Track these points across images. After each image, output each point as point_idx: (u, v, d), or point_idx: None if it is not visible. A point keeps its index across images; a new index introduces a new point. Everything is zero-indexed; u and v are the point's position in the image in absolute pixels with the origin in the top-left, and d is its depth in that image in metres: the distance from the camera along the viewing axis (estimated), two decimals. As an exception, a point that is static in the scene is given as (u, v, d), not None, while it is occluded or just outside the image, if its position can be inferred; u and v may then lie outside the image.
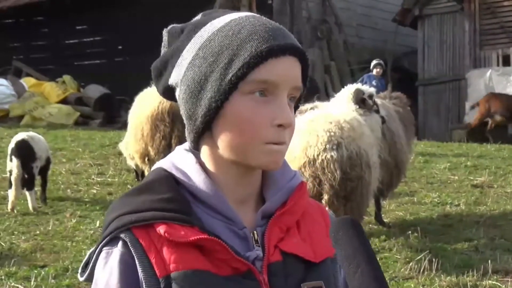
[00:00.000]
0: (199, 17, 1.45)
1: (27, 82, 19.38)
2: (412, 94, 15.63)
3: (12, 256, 6.55)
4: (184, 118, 1.43)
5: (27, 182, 8.11)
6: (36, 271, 6.03)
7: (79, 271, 1.42)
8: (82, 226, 7.51)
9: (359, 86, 6.98)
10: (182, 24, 1.46)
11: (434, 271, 6.08)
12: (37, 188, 8.58)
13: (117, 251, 1.34)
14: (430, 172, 10.47)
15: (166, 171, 1.42)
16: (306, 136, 6.16)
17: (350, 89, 6.95)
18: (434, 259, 6.23)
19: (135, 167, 9.69)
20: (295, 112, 1.46)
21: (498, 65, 18.33)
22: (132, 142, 9.06)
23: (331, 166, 6.02)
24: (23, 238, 7.14)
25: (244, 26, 1.37)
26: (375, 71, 15.52)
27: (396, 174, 7.40)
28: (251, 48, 1.34)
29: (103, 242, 1.36)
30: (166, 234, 1.32)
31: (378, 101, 7.10)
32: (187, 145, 1.46)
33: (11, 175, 8.14)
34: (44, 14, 22.76)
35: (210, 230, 1.36)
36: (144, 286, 1.33)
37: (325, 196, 6.05)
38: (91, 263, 1.38)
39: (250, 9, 16.63)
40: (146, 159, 9.02)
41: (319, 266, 1.39)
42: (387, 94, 8.35)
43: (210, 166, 1.42)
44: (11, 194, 8.13)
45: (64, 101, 18.76)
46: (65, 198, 8.85)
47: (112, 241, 1.35)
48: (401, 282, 5.95)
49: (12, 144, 8.28)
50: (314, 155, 6.07)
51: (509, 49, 18.26)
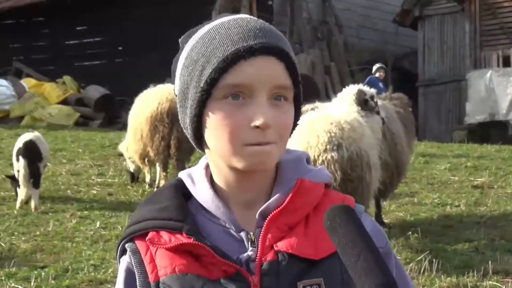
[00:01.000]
0: (206, 22, 1.46)
1: (28, 83, 19.38)
2: (413, 95, 15.61)
3: (12, 256, 6.55)
4: (182, 127, 1.47)
5: (33, 181, 8.25)
6: (36, 272, 6.03)
7: None
8: (82, 227, 7.51)
9: (360, 87, 6.97)
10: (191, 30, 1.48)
11: (434, 272, 6.07)
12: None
13: (124, 260, 1.44)
14: (431, 173, 10.47)
15: (179, 179, 1.49)
16: (307, 136, 6.16)
17: (351, 90, 6.94)
18: (434, 260, 6.23)
19: (132, 170, 9.69)
20: (298, 113, 1.44)
21: (498, 66, 18.32)
22: (131, 143, 9.07)
23: (332, 166, 6.02)
24: (23, 238, 7.14)
25: (219, 32, 1.37)
26: (377, 75, 15.51)
27: (396, 175, 7.40)
28: (219, 53, 1.34)
29: (118, 253, 1.47)
30: (148, 241, 1.39)
31: (379, 102, 7.09)
32: None
33: (17, 174, 8.25)
34: (44, 15, 22.77)
35: (206, 234, 1.39)
36: None
37: (325, 197, 6.04)
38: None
39: (251, 10, 16.62)
40: (146, 160, 9.03)
41: (322, 262, 1.37)
42: (388, 95, 8.35)
43: (213, 171, 1.45)
44: (22, 192, 8.27)
45: (64, 102, 18.77)
46: (65, 199, 8.86)
47: (124, 251, 1.46)
48: (401, 283, 5.94)
49: (19, 144, 8.36)
50: (314, 156, 6.07)
51: (509, 50, 18.26)
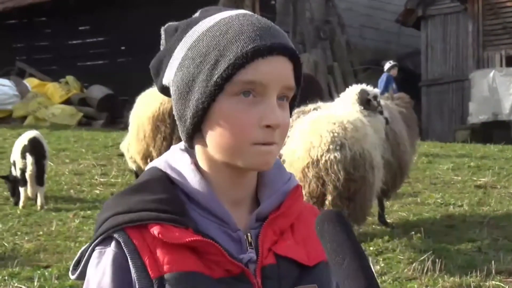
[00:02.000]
0: (197, 14, 1.44)
1: (30, 82, 19.40)
2: (415, 94, 15.61)
3: (15, 256, 6.56)
4: (176, 118, 1.42)
5: (39, 179, 8.31)
6: (39, 272, 6.04)
7: (70, 269, 1.41)
8: (85, 227, 7.52)
9: (363, 86, 6.96)
10: (178, 22, 1.45)
11: (437, 272, 6.07)
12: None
13: (110, 251, 1.33)
14: (434, 173, 10.46)
15: (161, 171, 1.41)
16: (310, 136, 6.16)
17: (354, 89, 6.93)
18: (437, 260, 6.22)
19: (136, 169, 9.68)
20: (292, 112, 1.43)
21: (501, 65, 18.32)
22: (133, 143, 9.06)
23: (335, 166, 6.02)
24: (26, 238, 7.15)
25: (231, 26, 1.35)
26: (391, 72, 15.45)
27: (399, 174, 7.39)
28: (237, 49, 1.32)
29: (96, 241, 1.34)
30: (160, 235, 1.31)
31: (382, 102, 7.09)
32: (182, 144, 1.45)
33: (22, 173, 8.24)
34: (47, 15, 22.79)
35: (205, 231, 1.35)
36: (137, 287, 1.31)
37: (328, 197, 6.05)
38: (83, 262, 1.37)
39: (253, 9, 16.64)
40: (148, 160, 9.03)
41: (313, 269, 1.38)
42: (390, 95, 8.34)
43: (203, 166, 1.41)
44: (28, 191, 8.30)
45: (67, 101, 18.78)
46: (68, 199, 8.87)
47: (105, 240, 1.34)
48: (404, 282, 5.95)
49: (24, 142, 8.36)
50: (317, 156, 6.07)
51: (512, 49, 18.26)
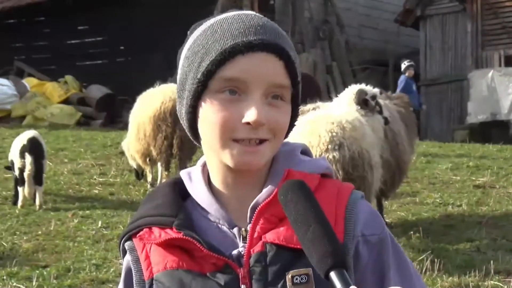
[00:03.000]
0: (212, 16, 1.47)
1: (29, 82, 19.38)
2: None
3: (14, 256, 6.56)
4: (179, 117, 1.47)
5: (37, 178, 8.31)
6: (38, 271, 6.04)
7: None
8: (84, 226, 7.51)
9: (362, 86, 6.96)
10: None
11: (436, 272, 6.07)
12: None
13: (125, 259, 1.47)
14: (432, 173, 10.46)
15: (177, 178, 1.50)
16: (308, 136, 6.15)
17: (352, 89, 6.93)
18: (436, 260, 6.23)
19: (136, 167, 9.69)
20: (296, 113, 1.43)
21: (500, 65, 18.32)
22: (133, 142, 9.06)
23: (333, 166, 6.01)
24: (25, 238, 7.15)
25: (222, 25, 1.37)
26: (407, 73, 15.40)
27: (398, 174, 7.39)
28: (218, 46, 1.34)
29: (121, 252, 1.50)
30: (138, 238, 1.41)
31: (381, 101, 7.08)
32: None
33: (20, 172, 8.24)
34: (45, 15, 22.76)
35: (198, 229, 1.39)
36: None
37: (327, 197, 6.04)
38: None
39: (252, 9, 16.63)
40: (148, 159, 9.03)
41: None
42: (389, 94, 8.34)
43: (208, 167, 1.46)
44: (25, 191, 8.29)
45: (66, 101, 18.76)
46: (67, 198, 8.86)
47: (125, 250, 1.48)
48: (403, 282, 5.94)
49: (23, 141, 8.34)
50: (316, 156, 6.06)
51: (511, 49, 18.25)
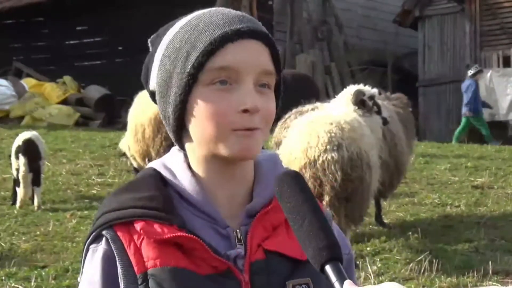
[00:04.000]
0: (179, 17, 1.46)
1: (28, 82, 19.37)
2: (413, 95, 15.63)
3: (12, 256, 6.56)
4: (161, 119, 1.44)
5: (35, 179, 8.34)
6: (36, 272, 6.04)
7: (80, 272, 1.44)
8: (83, 227, 7.51)
9: (360, 87, 6.96)
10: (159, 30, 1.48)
11: (434, 272, 6.08)
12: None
13: (101, 248, 1.37)
14: (431, 173, 10.47)
15: (155, 170, 1.44)
16: (307, 137, 6.16)
17: (350, 90, 6.94)
18: (434, 260, 6.23)
19: (137, 166, 9.69)
20: (278, 102, 1.43)
21: (498, 66, 18.32)
22: (132, 143, 9.06)
23: (332, 167, 6.02)
24: (23, 238, 7.14)
25: (202, 19, 1.37)
26: (476, 77, 15.43)
27: (396, 175, 7.40)
28: (206, 37, 1.34)
29: (89, 239, 1.39)
30: (141, 231, 1.34)
31: (379, 102, 7.08)
32: None
33: (17, 173, 8.29)
34: (44, 15, 22.75)
35: (191, 228, 1.36)
36: (122, 282, 1.34)
37: (326, 197, 6.05)
38: (82, 260, 1.41)
39: (251, 10, 16.63)
40: (147, 159, 9.03)
41: (308, 263, 1.34)
42: (387, 95, 8.34)
43: (193, 163, 1.43)
44: (21, 191, 8.32)
45: (64, 102, 18.75)
46: (65, 199, 8.86)
47: (97, 238, 1.38)
48: (401, 283, 5.94)
49: (18, 143, 8.39)
50: (314, 156, 6.07)
51: (509, 50, 18.26)
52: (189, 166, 1.43)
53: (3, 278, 5.97)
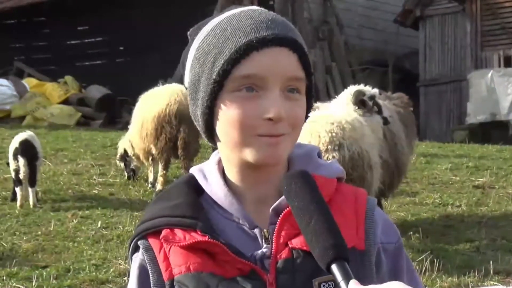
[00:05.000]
0: (215, 14, 1.46)
1: (29, 82, 19.37)
2: (414, 95, 15.61)
3: (13, 256, 6.56)
4: (192, 120, 1.45)
5: (31, 180, 8.33)
6: (37, 272, 6.04)
7: None
8: (84, 227, 7.51)
9: (361, 87, 6.96)
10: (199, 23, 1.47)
11: (435, 272, 6.08)
12: (38, 189, 8.71)
13: (137, 257, 1.43)
14: (432, 173, 10.47)
15: (191, 175, 1.47)
16: (308, 137, 6.15)
17: (351, 90, 6.93)
18: (435, 260, 6.23)
19: (134, 167, 9.68)
20: (311, 104, 1.42)
21: (499, 66, 18.31)
22: (138, 141, 9.06)
23: (333, 166, 6.01)
24: (24, 238, 7.15)
25: (231, 23, 1.36)
26: None
27: (397, 174, 7.39)
28: (232, 45, 1.33)
29: (130, 250, 1.46)
30: (162, 239, 1.37)
31: (380, 102, 7.07)
32: None
33: (16, 173, 8.29)
34: (45, 15, 22.77)
35: (220, 232, 1.37)
36: None
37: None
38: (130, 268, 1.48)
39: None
40: (151, 158, 9.05)
41: None
42: (388, 95, 8.34)
43: (225, 166, 1.44)
44: (21, 192, 8.31)
45: (65, 101, 18.75)
46: (66, 199, 8.86)
47: (137, 248, 1.44)
48: (402, 282, 5.94)
49: (15, 144, 8.41)
50: (315, 156, 6.07)
51: (510, 50, 18.26)
52: (222, 169, 1.44)
53: (4, 278, 5.97)
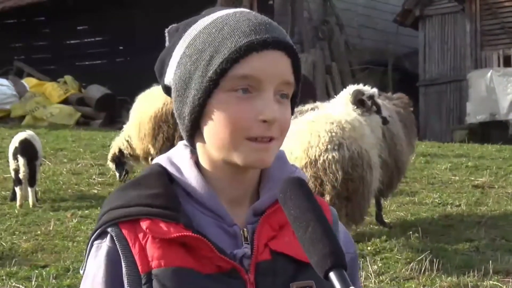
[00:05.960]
0: (203, 14, 1.45)
1: (29, 82, 19.38)
2: (413, 94, 15.61)
3: (13, 256, 6.56)
4: (176, 117, 1.43)
5: (30, 179, 8.31)
6: (37, 271, 6.04)
7: (81, 266, 1.44)
8: (83, 226, 7.52)
9: (360, 87, 6.96)
10: (180, 22, 1.46)
11: (435, 272, 6.08)
12: (38, 188, 8.71)
13: (105, 245, 1.36)
14: (431, 173, 10.47)
15: (161, 166, 1.43)
16: (308, 136, 6.16)
17: (350, 90, 6.93)
18: (435, 260, 6.23)
19: (128, 167, 9.65)
20: (293, 111, 1.43)
21: (499, 65, 18.31)
22: (136, 141, 9.05)
23: (333, 166, 6.02)
24: (24, 238, 7.15)
25: (227, 23, 1.36)
26: None
27: (396, 174, 7.40)
28: (231, 44, 1.33)
29: (94, 235, 1.38)
30: (147, 230, 1.33)
31: (379, 101, 7.08)
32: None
33: (15, 173, 8.27)
34: (45, 15, 22.78)
35: (198, 227, 1.35)
36: (125, 281, 1.33)
37: (326, 197, 6.05)
38: (86, 256, 1.40)
39: (251, 9, 16.59)
40: (150, 158, 9.04)
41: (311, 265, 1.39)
42: (389, 95, 8.34)
43: (203, 163, 1.41)
44: (21, 191, 8.30)
45: (65, 101, 18.76)
46: (66, 198, 8.86)
47: (102, 235, 1.37)
48: (402, 282, 5.95)
49: (15, 144, 8.39)
50: (315, 156, 6.07)
51: (510, 49, 18.25)
52: (195, 163, 1.42)
53: (3, 277, 5.97)
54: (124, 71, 20.23)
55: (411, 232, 7.10)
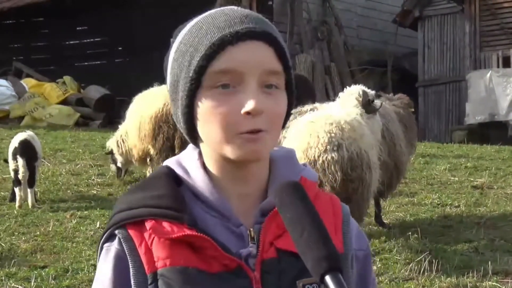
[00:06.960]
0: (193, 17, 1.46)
1: (28, 83, 19.36)
2: (412, 95, 15.61)
3: (12, 256, 6.55)
4: (175, 121, 1.45)
5: (29, 180, 8.29)
6: (36, 272, 6.03)
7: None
8: (82, 227, 7.51)
9: (362, 87, 6.94)
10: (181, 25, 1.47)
11: (434, 272, 6.08)
12: (37, 189, 8.70)
13: (113, 248, 1.38)
14: (430, 173, 10.47)
15: (168, 168, 1.44)
16: (307, 137, 6.16)
17: (353, 90, 6.88)
18: (434, 260, 6.23)
19: (120, 165, 9.60)
20: (291, 100, 1.41)
21: (498, 66, 18.32)
22: (136, 142, 9.03)
23: (332, 167, 6.02)
24: (23, 238, 7.14)
25: (206, 21, 1.36)
26: None
27: (395, 175, 7.40)
28: (207, 41, 1.33)
29: (103, 238, 1.40)
30: (151, 230, 1.34)
31: (378, 102, 7.07)
32: None
33: (15, 173, 8.27)
34: (44, 15, 22.76)
35: (204, 227, 1.36)
36: (132, 282, 1.34)
37: (325, 197, 6.04)
38: (97, 259, 1.42)
39: (250, 10, 16.59)
40: (148, 159, 9.03)
41: None
42: (389, 96, 8.34)
43: (207, 163, 1.42)
44: (20, 192, 8.28)
45: (64, 102, 18.74)
46: (65, 199, 8.85)
47: (111, 237, 1.39)
48: (401, 283, 5.96)
49: (15, 144, 8.38)
50: (314, 156, 6.07)
51: (509, 50, 18.26)
52: (203, 164, 1.43)
53: (2, 278, 5.97)
54: (123, 72, 20.23)
55: (410, 232, 7.10)
